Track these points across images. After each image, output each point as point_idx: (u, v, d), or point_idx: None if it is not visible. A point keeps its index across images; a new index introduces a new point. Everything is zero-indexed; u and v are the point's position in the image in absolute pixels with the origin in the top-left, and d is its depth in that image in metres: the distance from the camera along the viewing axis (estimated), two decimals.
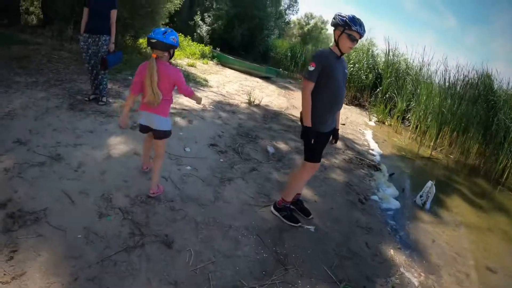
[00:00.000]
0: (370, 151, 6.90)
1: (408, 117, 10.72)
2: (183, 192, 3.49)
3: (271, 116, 7.43)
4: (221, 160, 4.47)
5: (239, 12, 19.03)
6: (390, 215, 4.30)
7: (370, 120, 10.74)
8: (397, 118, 10.62)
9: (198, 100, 3.38)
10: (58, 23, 9.16)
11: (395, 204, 4.62)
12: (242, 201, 3.64)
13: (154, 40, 2.80)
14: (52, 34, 9.05)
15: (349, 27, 2.87)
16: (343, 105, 11.33)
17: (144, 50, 10.83)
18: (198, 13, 20.09)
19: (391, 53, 12.80)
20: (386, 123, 10.65)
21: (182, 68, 10.71)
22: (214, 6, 19.21)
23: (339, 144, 6.43)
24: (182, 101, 6.45)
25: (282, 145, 5.67)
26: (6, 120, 4.13)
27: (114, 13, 5.03)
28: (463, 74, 9.69)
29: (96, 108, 5.04)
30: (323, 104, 2.99)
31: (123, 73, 7.49)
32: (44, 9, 10.65)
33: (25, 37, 8.72)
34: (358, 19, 2.92)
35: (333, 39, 3.09)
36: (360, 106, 13.01)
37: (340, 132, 3.44)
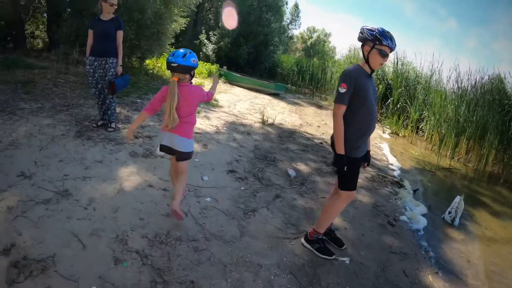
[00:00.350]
0: (390, 166, 6.66)
1: (422, 126, 10.49)
2: (205, 228, 3.14)
3: (286, 135, 7.09)
4: (242, 188, 4.12)
5: (244, 30, 18.93)
6: (421, 236, 4.06)
7: (384, 132, 10.47)
8: (411, 129, 10.43)
9: (216, 81, 3.55)
10: (64, 46, 8.98)
11: (424, 223, 4.40)
12: (270, 234, 3.30)
13: (175, 64, 2.72)
14: (58, 57, 8.85)
15: (380, 41, 2.64)
16: None
17: (151, 71, 10.62)
18: (203, 31, 20.04)
19: (399, 62, 12.66)
20: (400, 134, 10.42)
21: None
22: (220, 25, 19.09)
23: None
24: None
25: (302, 167, 5.34)
26: (10, 150, 3.84)
27: (120, 35, 4.78)
28: (475, 80, 9.55)
29: (104, 135, 4.73)
30: (356, 128, 2.76)
31: (131, 96, 7.22)
32: (49, 33, 10.52)
33: (30, 61, 8.57)
34: (388, 32, 2.68)
35: (361, 55, 2.84)
36: None
37: None
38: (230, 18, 17.36)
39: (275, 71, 20.94)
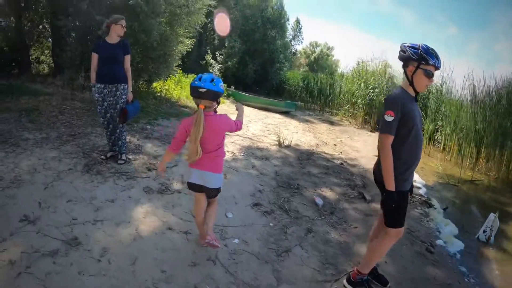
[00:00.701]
0: (414, 183, 6.12)
1: (437, 137, 10.36)
2: (238, 278, 2.71)
3: (305, 157, 6.70)
4: (270, 224, 3.69)
5: (249, 48, 18.81)
6: (460, 260, 3.84)
7: None
8: (426, 141, 10.20)
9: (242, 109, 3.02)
10: (69, 71, 8.70)
11: (460, 245, 4.18)
12: (308, 278, 2.90)
13: (204, 90, 2.40)
14: (63, 83, 8.57)
15: (426, 61, 2.37)
16: (370, 132, 10.96)
17: (159, 94, 10.29)
18: (208, 52, 19.91)
19: None
20: None
21: None
22: (226, 45, 18.93)
23: None
24: None
25: (328, 193, 4.96)
26: (12, 189, 3.47)
27: (128, 59, 4.45)
28: (490, 86, 9.35)
29: (115, 169, 4.33)
30: (404, 158, 2.47)
31: (140, 122, 6.86)
32: (54, 58, 10.29)
33: (35, 87, 8.28)
34: (432, 49, 2.40)
35: (404, 76, 2.54)
36: None
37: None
38: (222, 24, 17.14)
39: (282, 88, 20.75)
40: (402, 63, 2.51)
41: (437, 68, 2.40)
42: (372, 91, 12.82)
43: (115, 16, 4.32)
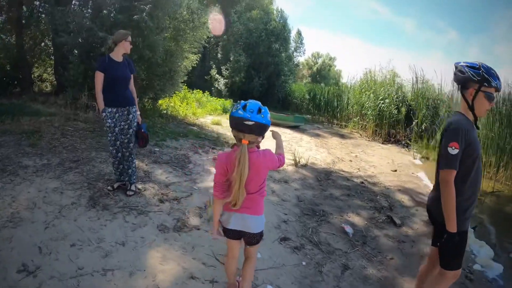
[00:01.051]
0: None
1: None
2: None
3: (323, 177, 6.29)
4: (303, 263, 3.25)
5: (254, 61, 18.59)
6: (503, 286, 3.55)
7: (414, 158, 9.72)
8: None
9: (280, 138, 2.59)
10: (71, 90, 8.32)
11: (499, 268, 3.87)
12: None
13: (251, 123, 1.98)
14: (66, 102, 8.19)
15: (488, 82, 2.09)
16: (382, 145, 10.58)
17: (165, 112, 9.91)
18: (213, 67, 19.67)
19: (419, 81, 12.24)
20: (431, 158, 9.65)
21: (209, 128, 9.73)
22: (231, 59, 18.70)
23: (407, 200, 5.61)
24: None
25: (355, 218, 4.56)
26: (9, 229, 3.08)
27: (133, 78, 4.13)
28: (504, 92, 9.13)
29: (124, 202, 3.88)
30: (467, 194, 2.19)
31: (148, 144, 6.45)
32: (56, 76, 9.97)
33: (37, 107, 7.91)
34: (492, 69, 2.12)
35: (460, 100, 2.22)
36: (396, 142, 11.97)
37: (396, 180, 2.50)
38: (216, 25, 16.83)
39: (288, 101, 20.45)
40: (459, 85, 2.20)
41: (498, 90, 2.12)
42: (382, 101, 12.41)
43: (123, 32, 3.91)
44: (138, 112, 4.04)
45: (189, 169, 5.42)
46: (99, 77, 3.82)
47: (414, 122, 11.36)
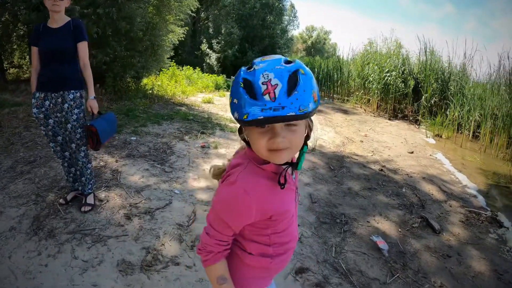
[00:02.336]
0: (467, 190, 5.14)
1: (464, 124, 9.10)
2: None
3: (336, 164, 5.30)
4: None
5: (248, 34, 17.45)
6: None
7: (427, 136, 8.86)
8: (455, 129, 9.13)
9: None
10: None
11: None
12: None
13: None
14: None
15: None
16: (389, 121, 9.82)
17: (150, 92, 8.79)
18: (204, 41, 18.44)
19: (428, 53, 11.18)
20: (444, 136, 8.99)
21: (200, 108, 8.62)
22: (222, 32, 17.51)
23: (436, 192, 4.75)
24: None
25: (384, 224, 3.59)
26: None
27: (83, 48, 2.90)
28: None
29: (77, 223, 2.82)
30: None
31: (123, 131, 5.38)
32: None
33: (4, 97, 6.93)
34: None
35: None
36: (403, 118, 11.08)
37: (417, 165, 3.18)
38: None
39: None
40: None
41: None
42: (388, 74, 11.36)
43: None
44: (92, 95, 2.91)
45: (170, 164, 4.37)
46: (32, 53, 2.81)
47: (423, 97, 10.47)
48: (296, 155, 1.12)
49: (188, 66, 13.90)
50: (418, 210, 4.02)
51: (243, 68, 0.98)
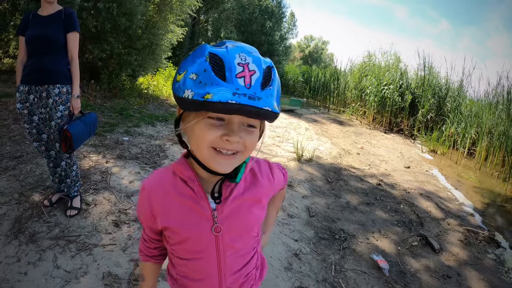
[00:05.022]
0: (464, 207, 5.08)
1: (460, 141, 9.16)
2: None
3: (333, 177, 5.17)
4: None
5: (247, 39, 17.41)
6: None
7: (422, 151, 8.81)
8: (450, 145, 9.12)
9: None
10: None
11: None
12: None
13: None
14: None
15: None
16: (385, 134, 9.82)
17: (145, 92, 8.61)
18: (202, 43, 18.38)
19: (426, 69, 11.30)
20: (439, 152, 8.96)
21: None
22: (221, 35, 17.42)
23: (434, 210, 4.64)
24: None
25: (384, 242, 3.46)
26: None
27: (73, 40, 2.67)
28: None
29: (61, 228, 2.63)
30: None
31: (115, 131, 5.19)
32: None
33: None
34: None
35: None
36: (398, 132, 11.05)
37: (414, 181, 3.48)
38: None
39: (282, 83, 19.32)
40: None
41: None
42: (386, 87, 11.34)
43: None
44: (77, 93, 2.70)
45: None
46: (20, 43, 2.62)
47: (420, 112, 10.48)
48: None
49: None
50: (417, 227, 3.91)
51: (206, 44, 0.79)
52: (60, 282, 2.08)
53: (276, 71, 0.81)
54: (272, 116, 0.74)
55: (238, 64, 0.72)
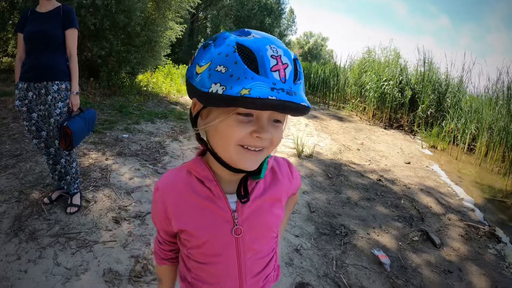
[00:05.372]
0: (464, 203, 5.05)
1: (459, 137, 9.08)
2: None
3: (334, 172, 5.17)
4: None
5: None
6: None
7: (422, 147, 8.78)
8: (450, 141, 9.06)
9: None
10: None
11: None
12: None
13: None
14: None
15: None
16: (384, 130, 9.82)
17: (145, 89, 8.59)
18: (202, 41, 18.32)
19: (426, 64, 11.20)
20: (439, 148, 8.90)
21: None
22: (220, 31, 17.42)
23: (434, 205, 4.61)
24: None
25: (385, 238, 3.44)
26: None
27: (72, 36, 2.65)
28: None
29: (61, 225, 2.63)
30: None
31: (115, 128, 5.17)
32: None
33: None
34: None
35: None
36: (398, 128, 10.99)
37: (414, 176, 3.26)
38: None
39: None
40: None
41: None
42: (386, 83, 11.31)
43: None
44: (76, 90, 2.69)
45: (163, 165, 4.18)
46: (18, 40, 2.61)
47: (420, 108, 10.44)
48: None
49: (184, 65, 13.72)
50: (417, 223, 3.90)
51: (227, 32, 0.72)
52: (60, 280, 2.07)
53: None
54: (306, 111, 0.70)
55: (272, 56, 0.67)
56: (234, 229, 0.84)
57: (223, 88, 0.65)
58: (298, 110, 0.67)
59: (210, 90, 0.66)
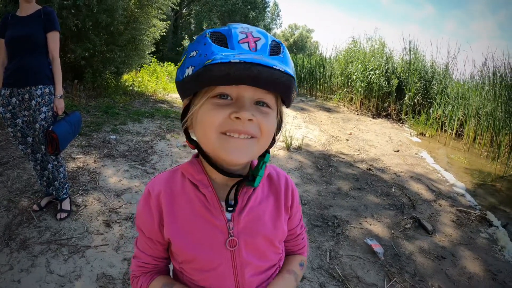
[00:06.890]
0: (454, 188, 5.11)
1: (447, 123, 9.19)
2: None
3: (323, 164, 5.19)
4: None
5: None
6: None
7: (411, 135, 8.88)
8: (438, 127, 9.17)
9: None
10: None
11: None
12: None
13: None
14: None
15: None
16: (372, 119, 9.88)
17: (130, 88, 8.50)
18: (186, 37, 18.18)
19: (412, 53, 11.28)
20: (427, 135, 9.01)
21: (181, 105, 8.39)
22: (204, 28, 17.26)
23: (425, 192, 4.67)
24: None
25: (377, 226, 3.48)
26: None
27: (54, 39, 2.59)
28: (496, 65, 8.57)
29: (52, 232, 2.60)
30: None
31: (102, 130, 5.12)
32: None
33: None
34: None
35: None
36: (386, 117, 11.08)
37: (403, 164, 3.25)
38: None
39: None
40: None
41: None
42: (372, 72, 11.36)
43: None
44: (60, 94, 2.63)
45: (152, 165, 4.17)
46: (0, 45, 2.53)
47: (407, 96, 10.54)
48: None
49: (170, 63, 13.62)
50: (409, 210, 3.94)
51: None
52: (56, 284, 2.06)
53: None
54: (285, 79, 0.61)
55: (240, 32, 0.66)
56: (228, 240, 0.77)
57: (193, 68, 0.64)
58: (274, 77, 0.60)
59: (184, 75, 0.66)
